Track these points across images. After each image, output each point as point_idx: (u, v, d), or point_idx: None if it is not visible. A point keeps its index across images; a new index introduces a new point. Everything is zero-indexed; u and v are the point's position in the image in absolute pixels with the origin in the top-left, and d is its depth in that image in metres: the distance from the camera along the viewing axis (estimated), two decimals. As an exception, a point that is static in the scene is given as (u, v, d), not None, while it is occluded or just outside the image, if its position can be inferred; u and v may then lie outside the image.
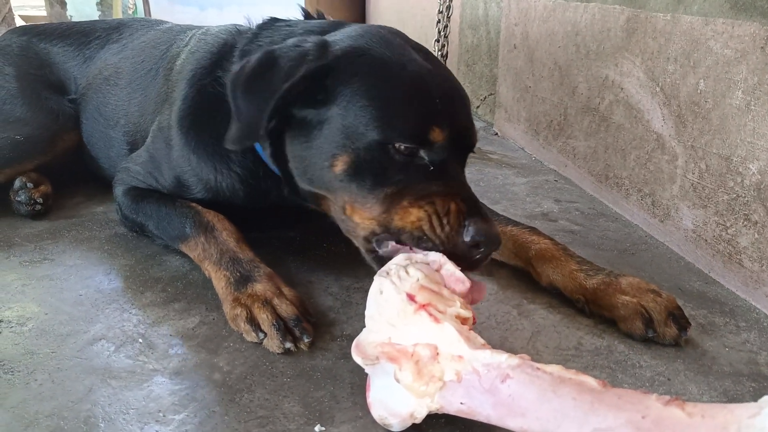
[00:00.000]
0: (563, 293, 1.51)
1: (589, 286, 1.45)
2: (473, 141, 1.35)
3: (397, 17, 5.75)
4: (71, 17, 5.64)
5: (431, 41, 3.21)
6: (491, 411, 0.96)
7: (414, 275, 1.10)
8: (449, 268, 1.15)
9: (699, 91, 1.70)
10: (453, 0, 3.42)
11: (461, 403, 0.99)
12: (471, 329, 1.07)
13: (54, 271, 1.63)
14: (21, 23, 4.69)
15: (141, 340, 1.34)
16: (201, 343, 1.33)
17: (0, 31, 3.49)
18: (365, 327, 1.13)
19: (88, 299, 1.50)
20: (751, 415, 0.80)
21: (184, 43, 1.89)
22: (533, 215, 2.10)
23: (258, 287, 1.37)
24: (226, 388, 1.19)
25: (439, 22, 3.40)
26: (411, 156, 1.23)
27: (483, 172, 2.56)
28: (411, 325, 1.04)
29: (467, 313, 1.09)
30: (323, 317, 1.44)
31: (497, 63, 3.15)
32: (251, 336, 1.31)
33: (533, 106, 2.76)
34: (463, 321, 1.08)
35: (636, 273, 1.62)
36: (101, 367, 1.24)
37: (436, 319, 1.03)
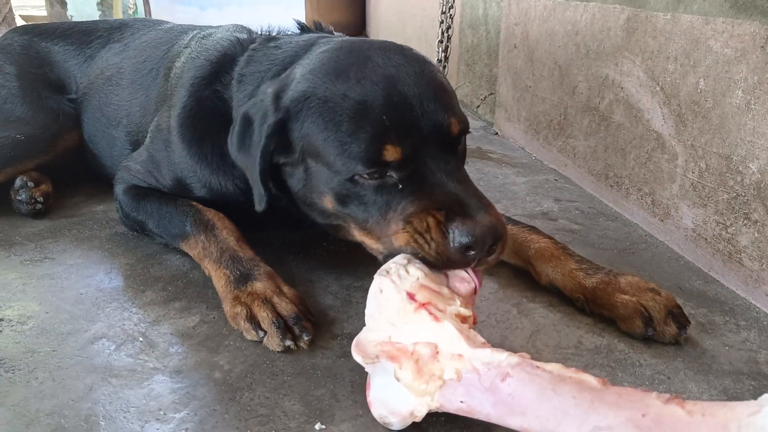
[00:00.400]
0: (563, 292, 1.51)
1: (589, 285, 1.45)
2: (451, 130, 1.26)
3: (397, 17, 5.74)
4: (71, 17, 5.64)
5: (432, 41, 3.20)
6: (491, 409, 0.96)
7: (414, 274, 1.10)
8: None
9: (699, 91, 1.70)
10: (455, 0, 3.42)
11: (461, 402, 0.99)
12: (471, 328, 1.08)
13: (55, 270, 1.64)
14: (21, 23, 4.69)
15: (141, 338, 1.34)
16: (201, 342, 1.33)
17: (0, 31, 3.49)
18: (365, 326, 1.13)
19: (88, 298, 1.50)
20: (751, 413, 0.80)
21: (184, 44, 1.90)
22: (533, 214, 2.10)
23: (258, 285, 1.38)
24: (226, 386, 1.19)
25: (442, 22, 3.39)
26: (381, 177, 1.23)
27: (483, 171, 2.57)
28: (411, 324, 1.04)
29: (467, 312, 1.09)
30: (323, 316, 1.45)
31: (497, 63, 3.15)
32: (251, 334, 1.31)
33: (533, 105, 2.76)
34: (464, 320, 1.08)
35: (636, 272, 1.62)
36: (102, 366, 1.24)
37: (436, 318, 1.03)
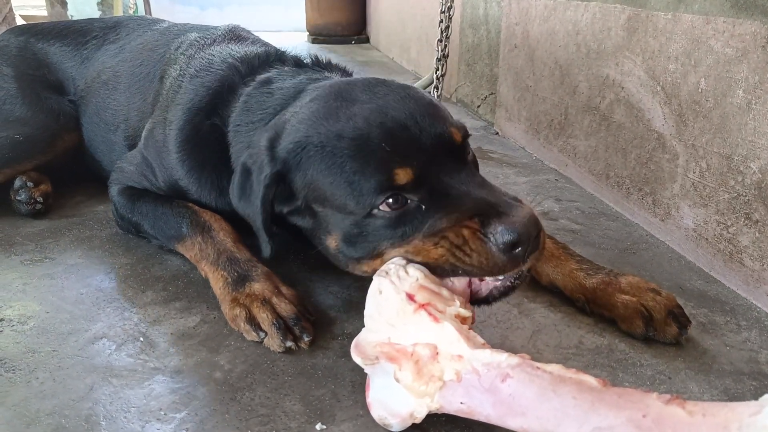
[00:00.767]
0: (563, 292, 1.51)
1: (589, 285, 1.45)
2: (453, 138, 1.24)
3: (397, 17, 5.74)
4: (72, 17, 5.65)
5: (432, 41, 3.20)
6: (491, 410, 0.96)
7: (413, 275, 1.10)
8: None
9: (700, 90, 1.70)
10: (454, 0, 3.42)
11: (461, 403, 0.99)
12: (471, 328, 1.07)
13: (55, 270, 1.64)
14: (22, 23, 4.69)
15: (142, 338, 1.34)
16: (202, 342, 1.33)
17: (0, 31, 3.49)
18: (364, 327, 1.13)
19: (89, 298, 1.50)
20: (752, 414, 0.80)
21: (182, 49, 1.89)
22: (534, 214, 2.09)
23: (256, 287, 1.37)
24: (227, 386, 1.19)
25: (442, 21, 3.40)
26: (403, 206, 1.17)
27: (484, 171, 2.53)
28: (410, 325, 1.04)
29: (467, 313, 1.09)
30: (324, 316, 1.44)
31: (498, 62, 3.14)
32: (251, 335, 1.31)
33: (534, 105, 2.76)
34: (463, 320, 1.08)
35: (636, 272, 1.62)
36: (102, 366, 1.24)
37: (435, 319, 1.03)
